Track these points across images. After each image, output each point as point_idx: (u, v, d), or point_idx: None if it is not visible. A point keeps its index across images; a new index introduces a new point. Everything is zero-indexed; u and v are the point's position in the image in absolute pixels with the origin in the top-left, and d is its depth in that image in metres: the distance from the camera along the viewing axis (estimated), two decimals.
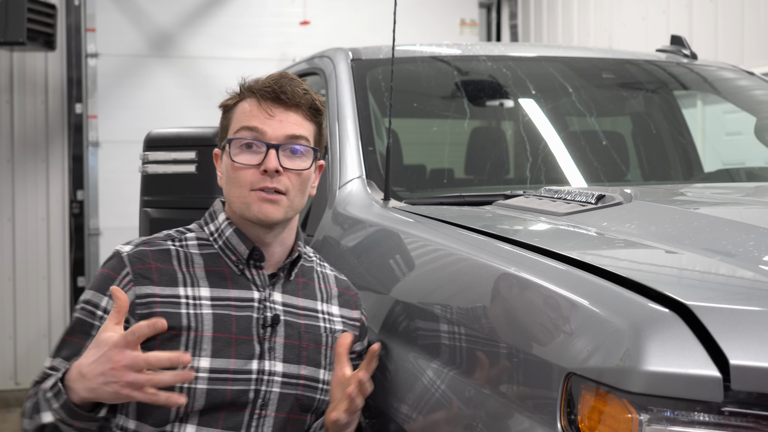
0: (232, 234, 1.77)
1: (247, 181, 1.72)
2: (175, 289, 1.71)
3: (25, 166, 6.33)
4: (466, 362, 1.61)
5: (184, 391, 1.66)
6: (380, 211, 2.24)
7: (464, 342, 1.63)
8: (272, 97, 1.75)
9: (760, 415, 1.18)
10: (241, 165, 1.72)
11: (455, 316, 1.68)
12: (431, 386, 1.69)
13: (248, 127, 1.74)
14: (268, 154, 1.71)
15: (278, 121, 1.74)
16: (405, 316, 1.88)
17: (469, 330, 1.62)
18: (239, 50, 6.60)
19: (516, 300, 1.52)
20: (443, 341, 1.70)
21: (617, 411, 1.23)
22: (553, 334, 1.37)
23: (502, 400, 1.47)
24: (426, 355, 1.75)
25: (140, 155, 2.53)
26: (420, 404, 1.70)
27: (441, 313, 1.73)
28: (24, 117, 6.35)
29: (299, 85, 1.78)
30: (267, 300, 1.76)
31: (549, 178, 2.65)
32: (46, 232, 6.39)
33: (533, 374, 1.41)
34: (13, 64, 6.32)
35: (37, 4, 5.62)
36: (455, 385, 1.62)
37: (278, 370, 1.74)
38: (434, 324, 1.75)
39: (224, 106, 1.84)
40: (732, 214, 1.88)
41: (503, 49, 3.35)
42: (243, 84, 1.81)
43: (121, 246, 1.77)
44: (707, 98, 4.27)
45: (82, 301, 1.74)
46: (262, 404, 1.72)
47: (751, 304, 1.27)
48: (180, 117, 6.24)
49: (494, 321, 1.55)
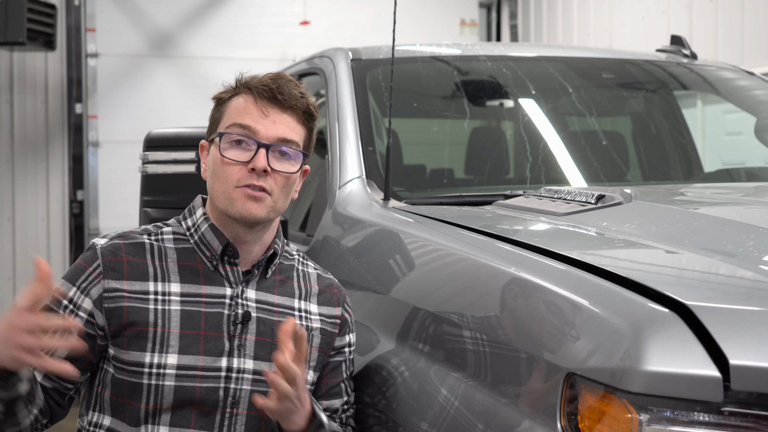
0: (207, 229, 1.76)
1: (234, 178, 1.71)
2: (145, 284, 1.71)
3: (25, 166, 6.33)
4: (466, 362, 1.61)
5: (152, 389, 1.66)
6: (380, 211, 2.24)
7: (464, 342, 1.63)
8: (268, 97, 1.74)
9: (760, 415, 1.18)
10: (230, 160, 1.71)
11: (455, 317, 1.67)
12: (431, 386, 1.69)
13: (241, 124, 1.73)
14: (257, 153, 1.71)
15: (272, 121, 1.73)
16: (405, 316, 1.88)
17: (469, 330, 1.62)
18: (239, 50, 6.60)
19: (516, 300, 1.52)
20: (443, 341, 1.70)
21: (617, 411, 1.23)
22: (553, 334, 1.37)
23: (502, 400, 1.47)
24: (425, 355, 1.75)
25: (140, 155, 2.53)
26: (418, 403, 1.70)
27: (440, 313, 1.73)
28: (24, 117, 6.35)
29: (296, 88, 1.77)
30: (239, 297, 1.75)
31: (549, 178, 2.65)
32: (46, 232, 6.39)
33: (533, 374, 1.41)
34: (13, 64, 6.32)
35: (37, 4, 5.62)
36: (455, 385, 1.62)
37: (248, 367, 1.73)
38: (434, 324, 1.75)
39: (218, 99, 1.83)
40: (732, 214, 1.88)
41: (503, 49, 3.35)
42: (240, 79, 1.81)
43: (98, 239, 1.77)
44: (707, 98, 4.27)
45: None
46: (233, 402, 1.71)
47: (751, 304, 1.27)
48: (180, 117, 6.24)
49: (494, 321, 1.55)
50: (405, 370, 1.80)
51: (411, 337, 1.83)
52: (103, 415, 1.71)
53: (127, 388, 1.68)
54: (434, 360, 1.72)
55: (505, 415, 1.45)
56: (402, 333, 1.87)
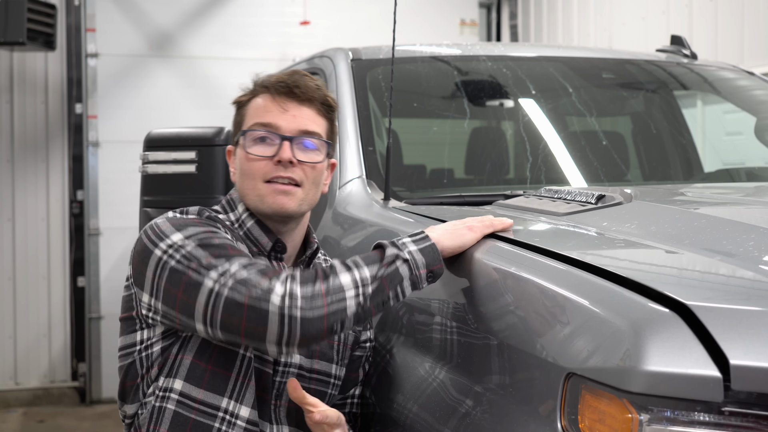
0: (254, 225, 1.77)
1: (261, 172, 1.72)
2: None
3: (25, 166, 6.33)
4: (466, 362, 1.61)
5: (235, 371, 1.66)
6: (380, 211, 2.24)
7: (464, 342, 1.63)
8: (286, 92, 1.76)
9: (760, 415, 1.18)
10: (255, 156, 1.73)
11: (455, 317, 1.68)
12: (431, 386, 1.69)
13: (262, 123, 1.75)
14: (282, 146, 1.72)
15: (292, 115, 1.75)
16: (405, 316, 1.88)
17: (470, 330, 1.62)
18: (239, 50, 6.60)
19: (516, 300, 1.52)
20: (443, 341, 1.70)
21: (617, 411, 1.23)
22: (554, 333, 1.37)
23: (503, 400, 1.47)
24: (426, 355, 1.75)
25: (140, 155, 2.53)
26: (419, 403, 1.70)
27: (441, 313, 1.73)
28: (24, 117, 6.34)
29: (312, 81, 1.79)
30: None
31: (549, 178, 2.65)
32: (46, 232, 6.38)
33: (533, 374, 1.41)
34: (13, 64, 6.32)
35: (37, 4, 5.62)
36: (455, 385, 1.62)
37: (296, 362, 1.76)
38: (434, 324, 1.75)
39: (237, 103, 1.84)
40: (732, 214, 1.88)
41: (503, 49, 3.35)
42: (256, 80, 1.82)
43: (176, 212, 1.72)
44: (707, 98, 4.28)
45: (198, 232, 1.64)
46: (276, 394, 1.73)
47: (751, 304, 1.27)
48: (180, 117, 6.23)
49: (494, 321, 1.55)
50: (405, 369, 1.80)
51: (410, 337, 1.83)
52: (174, 379, 1.67)
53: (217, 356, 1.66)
54: (434, 359, 1.72)
55: (505, 414, 1.45)
56: (401, 333, 1.87)
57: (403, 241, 1.61)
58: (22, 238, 6.33)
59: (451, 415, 1.59)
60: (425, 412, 1.68)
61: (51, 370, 6.40)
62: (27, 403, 6.29)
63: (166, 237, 1.63)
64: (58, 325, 6.40)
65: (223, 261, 1.56)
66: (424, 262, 1.59)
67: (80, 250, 6.38)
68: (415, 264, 1.58)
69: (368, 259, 1.58)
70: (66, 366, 6.41)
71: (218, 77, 6.47)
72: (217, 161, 2.44)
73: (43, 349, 6.37)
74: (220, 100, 6.37)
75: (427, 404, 1.68)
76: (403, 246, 1.59)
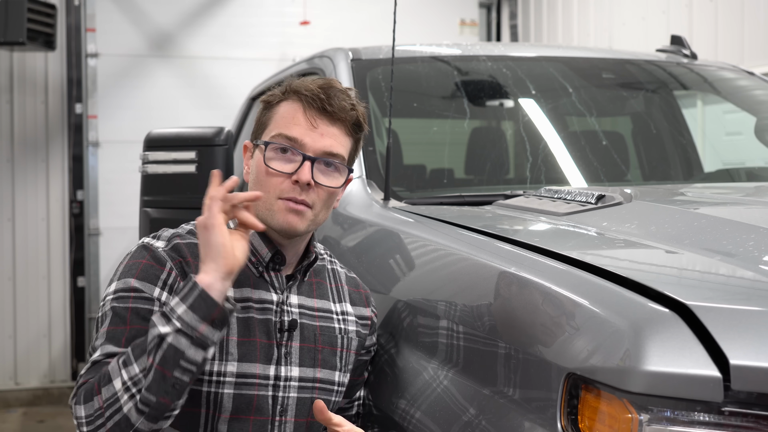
0: (254, 235, 1.72)
1: (277, 189, 1.68)
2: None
3: (25, 166, 6.33)
4: (467, 362, 1.61)
5: (212, 397, 1.64)
6: (380, 211, 2.24)
7: (464, 342, 1.63)
8: (318, 107, 1.71)
9: (760, 415, 1.18)
10: (274, 171, 1.68)
11: (455, 317, 1.68)
12: (431, 386, 1.69)
13: (288, 136, 1.70)
14: (302, 166, 1.67)
15: (320, 134, 1.70)
16: (405, 316, 1.88)
17: (470, 330, 1.62)
18: (239, 50, 6.60)
19: (516, 300, 1.52)
20: (443, 341, 1.70)
21: (617, 411, 1.23)
22: (553, 334, 1.37)
23: (502, 400, 1.47)
24: (426, 355, 1.75)
25: (140, 155, 2.53)
26: (420, 403, 1.70)
27: (441, 313, 1.73)
28: (24, 117, 6.34)
29: (347, 99, 1.74)
30: (284, 303, 1.73)
31: (549, 178, 2.65)
32: (46, 232, 6.39)
33: (533, 374, 1.41)
34: (13, 64, 6.32)
35: (37, 4, 5.62)
36: (455, 385, 1.62)
37: (294, 375, 1.72)
38: (435, 324, 1.75)
39: (266, 102, 1.79)
40: (732, 214, 1.88)
41: (503, 49, 3.35)
42: (290, 84, 1.76)
43: (150, 239, 1.71)
44: (707, 98, 4.28)
45: (122, 290, 1.64)
46: (281, 410, 1.70)
47: (751, 304, 1.27)
48: (180, 117, 6.23)
49: (494, 321, 1.55)
50: (404, 369, 1.80)
51: (411, 337, 1.83)
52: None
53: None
54: (435, 359, 1.72)
55: (505, 414, 1.45)
56: (402, 333, 1.87)
57: (172, 305, 1.50)
58: (22, 238, 6.33)
59: (449, 415, 1.59)
60: (423, 411, 1.68)
61: (51, 370, 6.40)
62: (27, 403, 6.29)
63: (110, 282, 1.68)
64: (58, 325, 6.40)
65: (100, 343, 1.60)
66: (197, 318, 1.48)
67: (80, 250, 6.38)
68: (190, 326, 1.47)
69: (138, 349, 1.51)
70: (66, 366, 6.41)
71: (218, 77, 6.48)
72: (218, 161, 2.44)
73: (43, 349, 6.37)
74: (220, 100, 6.39)
75: (426, 404, 1.68)
76: (172, 313, 1.49)
